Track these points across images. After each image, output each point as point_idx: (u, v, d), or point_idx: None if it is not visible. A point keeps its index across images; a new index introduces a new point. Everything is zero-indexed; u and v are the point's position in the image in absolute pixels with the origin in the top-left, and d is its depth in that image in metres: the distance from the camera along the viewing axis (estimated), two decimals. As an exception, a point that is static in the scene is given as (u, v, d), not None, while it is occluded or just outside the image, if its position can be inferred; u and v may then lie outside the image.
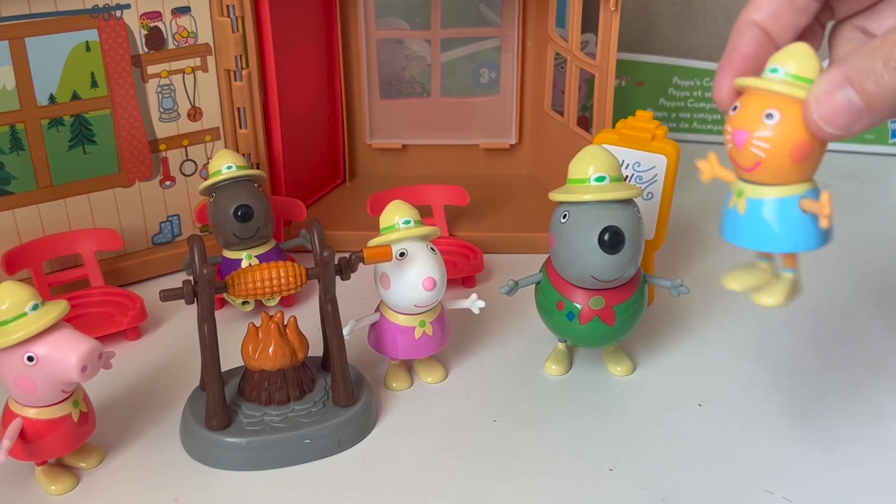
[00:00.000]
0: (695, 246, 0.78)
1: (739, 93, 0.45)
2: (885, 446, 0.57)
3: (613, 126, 0.68)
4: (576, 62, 0.77)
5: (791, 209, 0.43)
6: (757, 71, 0.45)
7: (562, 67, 0.82)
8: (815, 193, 0.43)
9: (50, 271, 0.70)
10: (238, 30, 0.70)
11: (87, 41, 0.66)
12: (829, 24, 0.50)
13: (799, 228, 0.43)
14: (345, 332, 0.58)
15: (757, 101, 0.42)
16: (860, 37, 0.47)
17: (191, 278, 0.54)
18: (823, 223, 0.42)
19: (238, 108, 0.73)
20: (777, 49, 0.45)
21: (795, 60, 0.42)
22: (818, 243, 0.44)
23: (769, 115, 0.41)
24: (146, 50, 0.68)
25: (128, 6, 0.67)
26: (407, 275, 0.58)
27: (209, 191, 0.68)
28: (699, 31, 1.00)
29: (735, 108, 0.43)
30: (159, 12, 0.68)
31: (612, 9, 0.69)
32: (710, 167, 0.45)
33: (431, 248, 0.59)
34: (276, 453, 0.55)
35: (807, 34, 0.47)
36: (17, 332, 0.49)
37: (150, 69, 0.69)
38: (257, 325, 0.57)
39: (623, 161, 0.64)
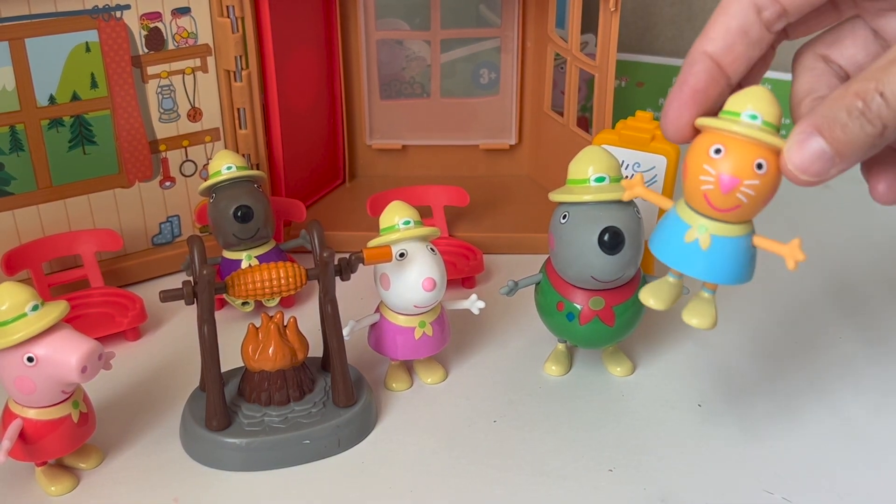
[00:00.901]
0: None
1: (696, 130, 0.45)
2: (884, 447, 0.57)
3: (613, 126, 0.69)
4: (575, 63, 0.77)
5: (747, 246, 0.45)
6: (706, 105, 0.46)
7: (561, 68, 0.82)
8: (752, 229, 0.46)
9: (50, 272, 0.70)
10: (238, 30, 0.70)
11: (87, 42, 0.66)
12: (783, 45, 0.50)
13: (749, 264, 0.46)
14: (344, 332, 0.58)
15: (746, 150, 0.43)
16: (821, 65, 0.47)
17: (191, 279, 0.54)
18: (791, 266, 0.43)
19: (238, 109, 0.73)
20: (728, 82, 0.46)
21: (767, 107, 0.43)
22: (751, 276, 0.47)
23: (759, 166, 0.43)
24: (146, 50, 0.68)
25: (128, 7, 0.67)
26: (407, 275, 0.58)
27: (209, 191, 0.68)
28: (698, 31, 1.00)
29: (719, 153, 0.43)
30: (159, 13, 0.68)
31: (612, 9, 0.69)
32: (632, 188, 0.47)
33: (431, 249, 0.59)
34: (275, 454, 0.55)
35: (759, 61, 0.47)
36: (16, 333, 0.49)
37: (150, 70, 0.69)
38: (257, 325, 0.57)
39: (623, 161, 0.64)
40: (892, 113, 0.39)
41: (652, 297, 0.48)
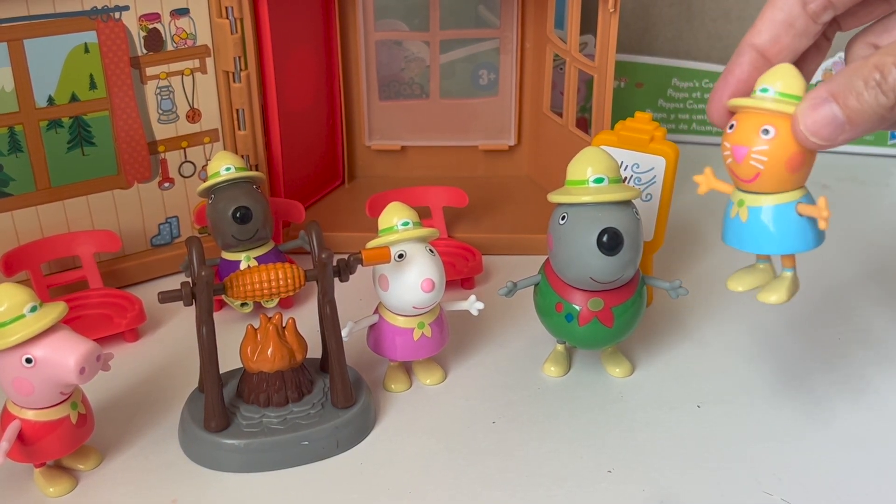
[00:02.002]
0: (693, 247, 0.78)
1: (732, 112, 0.49)
2: (884, 448, 0.57)
3: (612, 127, 0.68)
4: (575, 63, 0.77)
5: (789, 214, 0.48)
6: (748, 92, 0.49)
7: (560, 69, 0.82)
8: (809, 199, 0.48)
9: (48, 273, 0.70)
10: (237, 31, 0.70)
11: (85, 43, 0.66)
12: (838, 36, 0.52)
13: (797, 231, 0.48)
14: (343, 333, 0.58)
15: (753, 119, 0.46)
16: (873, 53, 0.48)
17: (189, 280, 0.54)
18: (822, 225, 0.46)
19: (237, 110, 0.73)
20: None
21: (782, 80, 0.46)
22: (814, 244, 0.49)
23: (765, 131, 0.46)
24: (145, 51, 0.68)
25: (126, 8, 0.67)
26: (406, 276, 0.58)
27: (208, 192, 0.68)
28: (698, 32, 1.01)
29: (732, 127, 0.47)
30: (158, 14, 0.68)
31: (611, 10, 0.69)
32: (706, 180, 0.49)
33: (430, 250, 0.59)
34: (274, 455, 0.55)
35: (811, 50, 0.50)
36: (15, 334, 0.49)
37: (149, 71, 0.69)
38: (256, 326, 0.57)
39: (622, 162, 0.64)
40: None
41: (737, 283, 0.51)
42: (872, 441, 0.57)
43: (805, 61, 0.50)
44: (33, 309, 0.50)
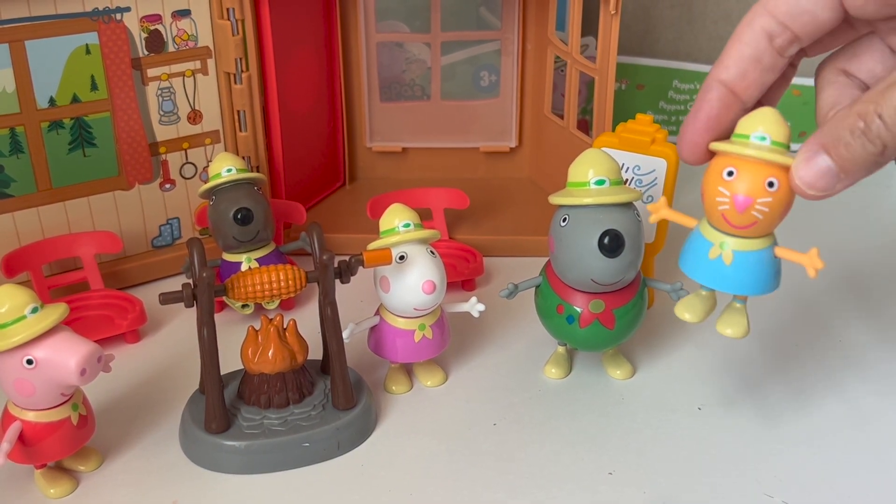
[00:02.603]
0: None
1: (710, 152, 0.49)
2: (884, 451, 0.57)
3: (613, 129, 0.68)
4: (576, 65, 0.77)
5: (770, 258, 0.49)
6: (719, 130, 0.49)
7: (562, 71, 0.82)
8: (774, 241, 0.49)
9: (49, 274, 0.70)
10: (238, 33, 0.70)
11: (87, 44, 0.66)
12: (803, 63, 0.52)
13: (775, 273, 0.49)
14: (344, 335, 0.58)
15: (757, 170, 0.46)
16: (843, 79, 0.49)
17: (190, 281, 0.54)
18: (812, 274, 0.47)
19: (238, 111, 0.73)
20: (742, 107, 0.48)
21: (775, 127, 0.46)
22: (778, 284, 0.50)
23: (770, 184, 0.46)
24: (146, 53, 0.68)
25: (128, 9, 0.67)
26: (407, 278, 0.58)
27: (209, 194, 0.68)
28: (699, 34, 1.01)
29: (731, 175, 0.46)
30: (159, 15, 0.68)
31: (612, 12, 0.69)
32: (659, 211, 0.50)
33: (431, 252, 0.59)
34: (275, 457, 0.55)
35: (777, 80, 0.49)
36: (16, 335, 0.49)
37: (150, 72, 0.69)
38: (257, 328, 0.57)
39: (623, 164, 0.64)
40: (891, 134, 0.42)
41: (687, 311, 0.52)
42: (874, 444, 0.57)
43: (771, 90, 0.50)
44: (34, 310, 0.50)
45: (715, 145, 0.48)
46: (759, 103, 0.49)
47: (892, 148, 0.42)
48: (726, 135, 0.48)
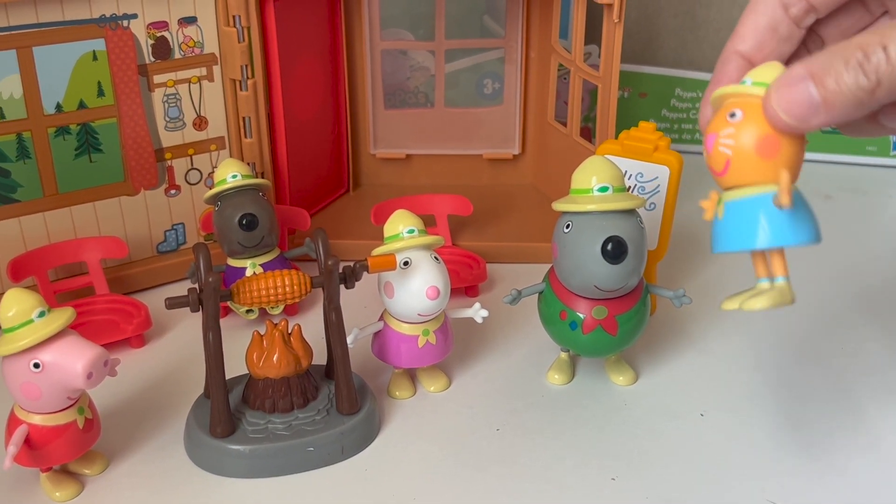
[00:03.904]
0: (697, 256, 0.79)
1: None
2: (886, 457, 0.57)
3: (616, 137, 0.69)
4: (579, 73, 0.78)
5: (765, 206, 0.43)
6: None
7: (565, 79, 0.83)
8: (796, 195, 0.43)
9: (55, 279, 0.70)
10: (244, 40, 0.70)
11: (94, 50, 0.66)
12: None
13: (775, 224, 0.43)
14: (348, 340, 0.58)
15: (724, 108, 0.44)
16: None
17: (196, 286, 0.54)
18: (783, 199, 0.41)
19: (243, 118, 0.73)
20: None
21: (763, 71, 0.43)
22: (796, 238, 0.43)
23: (732, 115, 0.43)
24: (153, 59, 0.69)
25: (135, 16, 0.67)
26: (410, 284, 0.58)
27: (214, 199, 0.68)
28: (701, 42, 1.01)
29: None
30: (166, 22, 0.68)
31: (616, 20, 0.69)
32: (711, 206, 0.46)
33: (435, 258, 0.59)
34: (279, 461, 0.55)
35: (793, 60, 0.48)
36: (23, 339, 0.49)
37: (157, 78, 0.69)
38: (262, 333, 0.57)
39: (626, 172, 0.65)
40: (891, 68, 0.39)
41: (733, 302, 0.46)
42: (877, 449, 0.57)
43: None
44: (41, 314, 0.50)
45: (711, 98, 0.45)
46: None
47: (886, 87, 0.40)
48: None
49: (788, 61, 0.48)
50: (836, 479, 0.55)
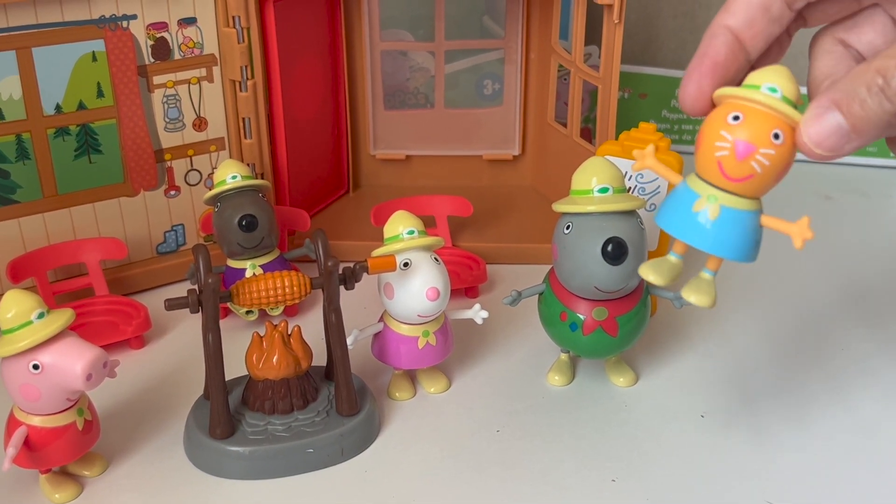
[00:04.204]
0: (697, 257, 0.78)
1: (712, 102, 0.46)
2: (888, 460, 0.57)
3: (616, 138, 0.69)
4: (579, 74, 0.78)
5: (757, 223, 0.45)
6: (726, 78, 0.46)
7: (565, 79, 0.83)
8: (761, 209, 0.45)
9: (54, 280, 0.70)
10: (244, 40, 0.70)
11: (93, 51, 0.66)
12: (799, 34, 0.50)
13: (757, 242, 0.45)
14: (348, 341, 0.58)
15: (765, 119, 0.43)
16: (840, 49, 0.48)
17: (195, 287, 0.54)
18: (798, 245, 0.43)
19: (243, 119, 0.73)
20: (747, 58, 0.46)
21: (786, 82, 0.43)
22: (755, 257, 0.46)
23: (776, 136, 0.43)
24: (152, 60, 0.69)
25: (134, 17, 0.67)
26: (410, 285, 0.58)
27: (214, 200, 0.68)
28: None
29: (737, 119, 0.43)
30: (165, 23, 0.68)
31: (616, 21, 0.69)
32: (643, 159, 0.46)
33: (435, 259, 0.59)
34: (279, 462, 0.55)
35: (773, 44, 0.48)
36: (22, 341, 0.49)
37: (156, 79, 0.69)
38: (261, 334, 0.57)
39: (626, 172, 0.65)
40: None
41: (651, 272, 0.48)
42: (878, 452, 0.57)
43: (768, 57, 0.48)
44: (40, 315, 0.50)
45: (722, 91, 0.45)
46: (760, 64, 0.47)
47: None
48: (729, 85, 0.46)
49: (772, 49, 0.48)
50: (835, 480, 0.55)
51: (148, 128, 0.70)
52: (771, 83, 0.43)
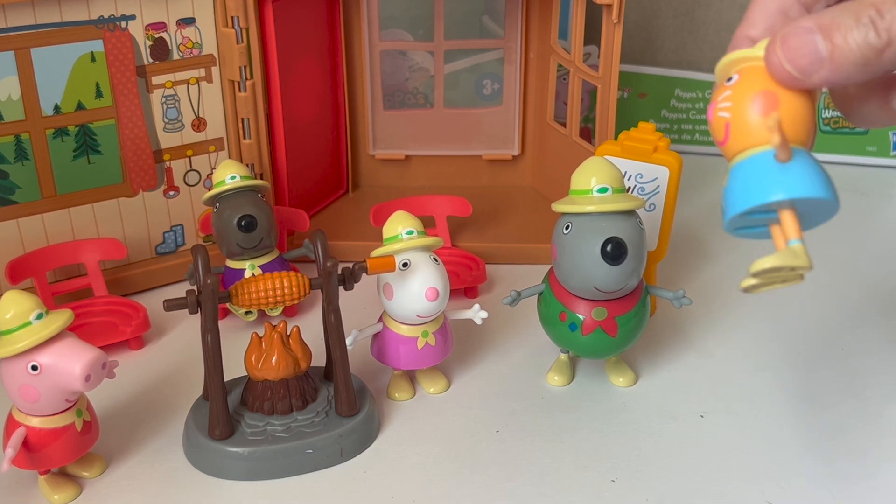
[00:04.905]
0: (697, 257, 0.79)
1: None
2: (887, 460, 0.57)
3: (616, 137, 0.69)
4: (578, 74, 0.78)
5: (767, 161, 0.40)
6: None
7: (564, 79, 0.83)
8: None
9: (53, 280, 0.70)
10: (242, 41, 0.70)
11: (92, 52, 0.66)
12: None
13: (780, 177, 0.40)
14: (348, 342, 0.58)
15: (723, 74, 0.42)
16: None
17: (194, 288, 0.54)
18: (780, 153, 0.40)
19: (242, 119, 0.73)
20: None
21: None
22: (806, 191, 0.41)
23: (729, 79, 0.42)
24: (151, 60, 0.69)
25: (133, 17, 0.67)
26: (410, 285, 0.58)
27: (213, 201, 0.68)
28: (701, 43, 1.01)
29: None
30: (164, 23, 0.68)
31: (615, 21, 0.69)
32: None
33: (434, 259, 0.59)
34: (278, 463, 0.55)
35: None
36: (21, 341, 0.49)
37: (155, 80, 0.69)
38: (260, 335, 0.57)
39: (625, 172, 0.65)
40: None
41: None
42: (875, 452, 0.57)
43: None
44: (39, 316, 0.50)
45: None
46: None
47: (894, 51, 0.39)
48: None
49: None
50: (835, 480, 0.55)
51: (147, 128, 0.70)
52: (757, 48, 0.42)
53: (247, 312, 0.69)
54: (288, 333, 0.57)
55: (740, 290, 0.42)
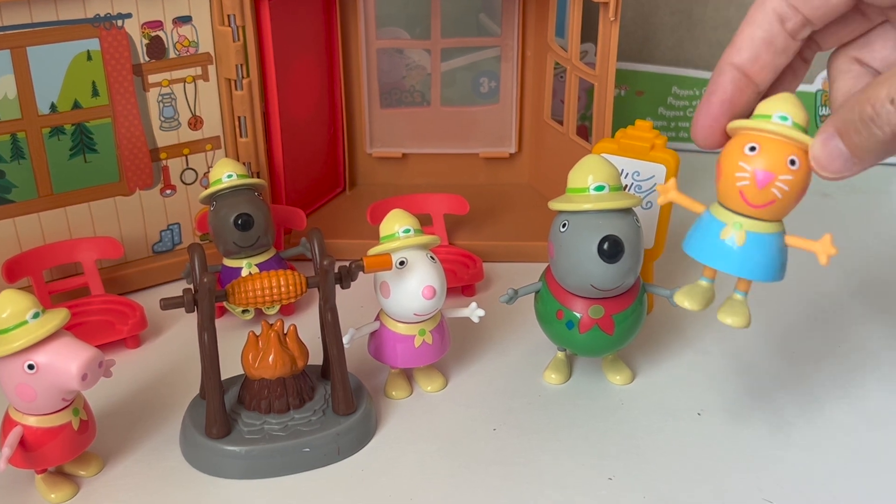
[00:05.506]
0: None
1: (725, 133, 0.48)
2: (886, 458, 0.57)
3: (613, 135, 0.69)
4: (575, 71, 0.78)
5: (782, 244, 0.48)
6: (734, 113, 0.48)
7: (561, 77, 0.83)
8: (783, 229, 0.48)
9: (50, 279, 0.70)
10: (239, 39, 0.70)
11: (88, 50, 0.66)
12: (817, 56, 0.51)
13: (783, 261, 0.48)
14: (344, 340, 0.58)
15: (780, 148, 0.46)
16: (856, 68, 0.49)
17: (191, 287, 0.54)
18: (823, 261, 0.46)
19: (238, 117, 0.73)
20: (755, 90, 0.48)
21: (795, 109, 0.46)
22: (783, 275, 0.49)
23: (792, 162, 0.45)
24: (147, 59, 0.69)
25: (129, 15, 0.67)
26: (407, 283, 0.58)
27: (209, 199, 0.68)
28: (698, 40, 1.01)
29: (754, 150, 0.46)
30: (160, 21, 0.68)
31: (612, 18, 0.69)
32: (666, 192, 0.49)
33: (431, 257, 0.59)
34: (275, 462, 0.55)
35: (787, 72, 0.50)
36: (17, 341, 0.49)
37: (151, 78, 0.69)
38: (257, 333, 0.57)
39: (622, 170, 0.65)
40: None
41: (686, 299, 0.51)
42: (874, 450, 0.57)
43: (782, 83, 0.50)
44: (36, 315, 0.50)
45: (735, 123, 0.47)
46: (773, 91, 0.49)
47: None
48: (740, 118, 0.48)
49: (786, 78, 0.50)
50: (834, 478, 0.55)
51: (143, 127, 0.70)
52: (781, 112, 0.46)
53: (244, 311, 0.69)
54: (285, 332, 0.57)
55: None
